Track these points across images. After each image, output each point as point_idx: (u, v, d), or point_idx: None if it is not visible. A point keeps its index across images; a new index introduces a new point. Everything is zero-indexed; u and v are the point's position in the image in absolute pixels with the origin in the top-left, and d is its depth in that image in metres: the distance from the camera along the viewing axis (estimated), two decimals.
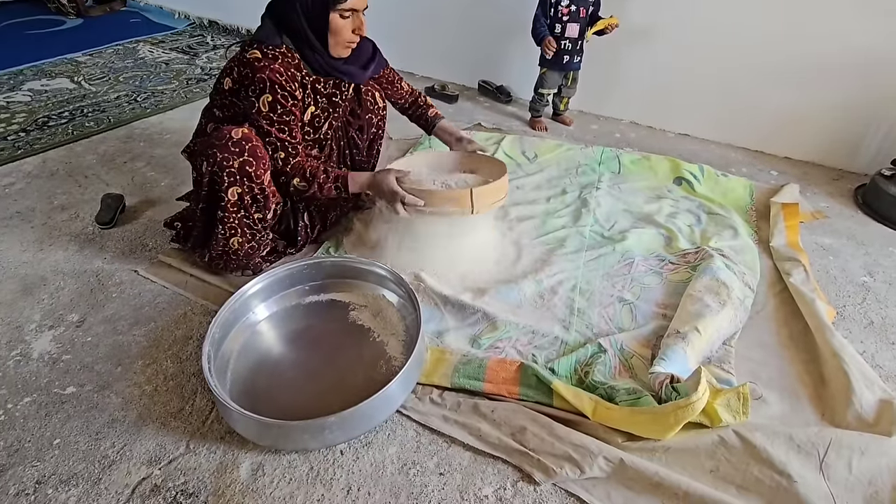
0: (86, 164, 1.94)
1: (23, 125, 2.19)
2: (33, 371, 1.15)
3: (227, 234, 1.29)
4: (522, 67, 2.43)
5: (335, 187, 1.31)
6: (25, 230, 1.59)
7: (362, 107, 1.52)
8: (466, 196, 1.27)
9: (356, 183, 1.32)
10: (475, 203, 1.29)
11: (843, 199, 1.93)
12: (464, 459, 1.00)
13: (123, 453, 0.99)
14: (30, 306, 1.32)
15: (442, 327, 1.28)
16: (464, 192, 1.27)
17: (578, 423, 1.05)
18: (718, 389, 1.04)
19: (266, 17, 1.26)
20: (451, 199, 1.29)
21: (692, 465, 0.98)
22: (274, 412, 0.97)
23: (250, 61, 1.20)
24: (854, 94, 1.99)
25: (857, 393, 1.08)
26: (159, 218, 1.61)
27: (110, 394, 1.11)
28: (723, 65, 2.16)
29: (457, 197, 1.28)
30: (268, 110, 1.22)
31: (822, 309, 1.29)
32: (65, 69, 2.77)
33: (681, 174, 1.92)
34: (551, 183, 1.90)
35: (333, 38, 1.24)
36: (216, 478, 0.96)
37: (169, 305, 1.34)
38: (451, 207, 1.29)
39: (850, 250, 1.64)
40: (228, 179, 1.21)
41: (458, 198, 1.28)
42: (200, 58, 3.01)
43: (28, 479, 0.95)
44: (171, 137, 2.15)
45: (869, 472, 0.94)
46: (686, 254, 1.53)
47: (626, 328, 1.29)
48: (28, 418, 1.05)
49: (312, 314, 1.31)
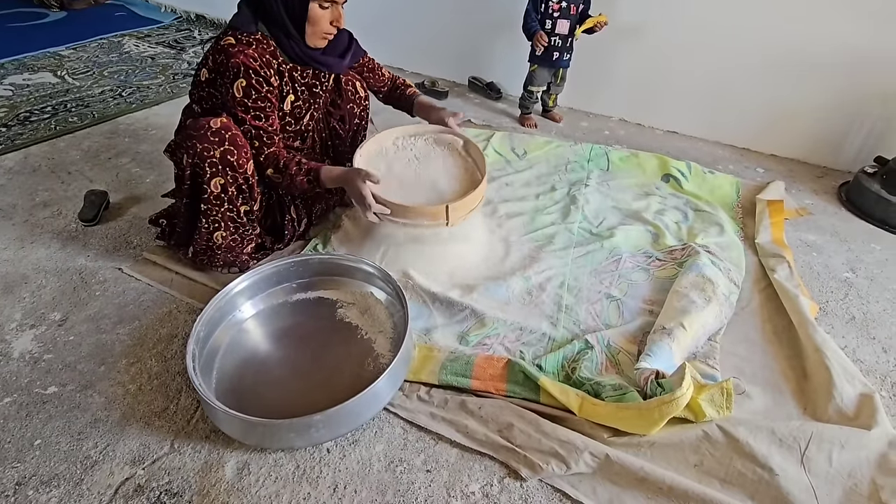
0: (69, 160, 1.90)
1: (4, 120, 2.14)
2: (13, 371, 1.13)
3: (211, 227, 1.27)
4: (512, 64, 2.43)
5: (307, 180, 1.28)
6: (6, 227, 1.56)
7: (343, 97, 1.50)
8: (442, 211, 1.27)
9: (329, 177, 1.28)
10: (451, 216, 1.29)
11: (827, 196, 1.96)
12: (451, 456, 1.00)
13: (106, 453, 0.98)
14: (10, 305, 1.30)
15: (430, 324, 1.28)
16: (439, 207, 1.27)
17: (565, 419, 1.05)
18: (702, 385, 1.06)
19: (243, 4, 1.24)
20: (427, 214, 1.28)
21: (677, 460, 0.99)
22: (260, 410, 0.97)
23: (224, 48, 1.19)
24: (838, 93, 2.02)
25: (839, 387, 1.10)
26: (144, 215, 1.59)
27: (93, 393, 1.09)
28: (710, 63, 2.18)
29: (432, 212, 1.28)
30: (242, 95, 1.20)
31: (805, 305, 1.31)
32: (47, 63, 2.71)
33: (668, 171, 1.94)
34: (540, 180, 1.90)
35: (311, 28, 1.23)
36: (201, 477, 0.95)
37: (154, 303, 1.32)
38: (426, 220, 1.28)
39: (833, 247, 1.66)
40: (210, 170, 1.20)
41: (433, 213, 1.28)
42: (187, 52, 2.96)
43: (8, 480, 0.93)
44: (156, 133, 2.12)
45: (849, 464, 0.96)
46: (673, 250, 1.54)
47: (613, 324, 1.30)
48: (8, 419, 1.04)
49: (299, 312, 1.31)
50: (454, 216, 1.30)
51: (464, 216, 1.33)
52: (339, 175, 1.28)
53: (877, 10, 1.84)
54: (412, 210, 1.28)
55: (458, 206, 1.29)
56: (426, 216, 1.29)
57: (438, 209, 1.27)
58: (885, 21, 1.85)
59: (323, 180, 1.28)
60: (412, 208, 1.28)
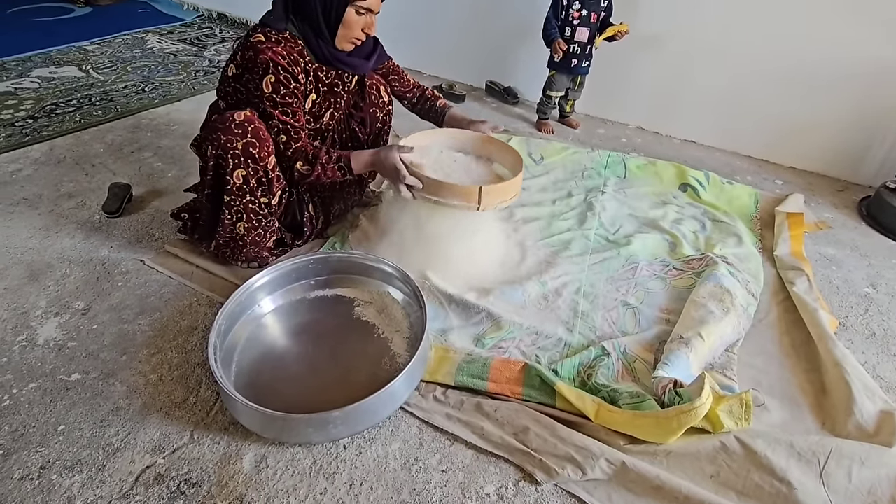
0: (93, 153, 1.94)
1: (30, 112, 2.19)
2: (39, 357, 1.16)
3: (234, 217, 1.29)
4: (530, 69, 2.43)
5: (339, 167, 1.30)
6: (32, 217, 1.59)
7: (366, 100, 1.52)
8: (474, 192, 1.26)
9: (359, 161, 1.30)
10: (483, 200, 1.27)
11: (847, 210, 1.94)
12: (466, 457, 1.01)
13: (128, 441, 1.00)
14: (36, 293, 1.32)
15: (446, 326, 1.29)
16: (472, 188, 1.26)
17: (581, 425, 1.05)
18: (721, 396, 1.05)
19: (278, 0, 1.26)
20: (460, 194, 1.27)
21: (693, 470, 0.98)
22: (278, 405, 0.98)
23: (254, 44, 1.21)
24: (860, 106, 2.00)
25: (858, 403, 1.09)
26: (166, 208, 1.62)
27: (115, 382, 1.11)
28: (729, 73, 2.17)
29: (465, 192, 1.27)
30: (271, 91, 1.22)
31: (824, 319, 1.30)
32: (73, 57, 2.77)
33: (686, 180, 1.93)
34: (557, 185, 1.91)
35: (343, 31, 1.25)
36: (220, 468, 0.96)
37: (174, 296, 1.34)
38: (457, 201, 1.27)
39: (853, 261, 1.64)
40: (233, 161, 1.22)
41: (466, 193, 1.27)
42: (208, 50, 3.01)
43: (32, 464, 0.95)
44: (178, 129, 2.15)
45: (868, 481, 0.95)
46: (690, 260, 1.53)
47: (630, 332, 1.30)
48: (33, 404, 1.06)
49: (317, 309, 1.32)
50: (486, 201, 1.27)
51: (495, 204, 1.31)
52: (369, 157, 1.30)
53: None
54: (445, 187, 1.26)
55: (492, 190, 1.27)
56: (459, 196, 1.27)
57: (472, 190, 1.26)
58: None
59: (354, 165, 1.30)
60: (446, 185, 1.26)
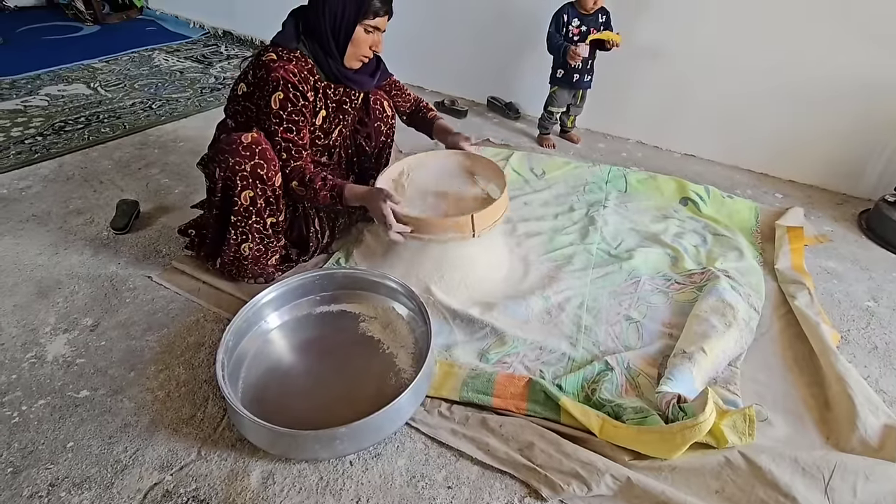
0: (101, 170, 1.97)
1: (40, 129, 2.22)
2: (48, 374, 1.17)
3: (239, 238, 1.31)
4: (532, 85, 2.47)
5: (331, 196, 1.31)
6: (41, 233, 1.61)
7: (370, 115, 1.56)
8: (467, 222, 1.29)
9: (352, 195, 1.31)
10: (476, 226, 1.30)
11: (846, 223, 1.95)
12: (472, 473, 1.01)
13: (136, 458, 1.01)
14: (45, 309, 1.34)
15: (451, 341, 1.30)
16: (464, 218, 1.28)
17: (585, 440, 1.06)
18: (725, 411, 1.06)
19: (289, 20, 1.31)
20: (452, 227, 1.30)
21: (698, 485, 0.99)
22: (284, 421, 0.98)
23: (266, 63, 1.25)
24: (858, 120, 2.02)
25: (862, 418, 1.09)
26: (173, 225, 1.64)
27: (123, 398, 1.12)
28: (729, 88, 2.20)
29: (457, 224, 1.29)
30: (278, 107, 1.25)
31: (826, 332, 1.31)
32: (81, 75, 2.82)
33: (687, 195, 1.95)
34: (559, 200, 1.93)
35: (352, 49, 1.29)
36: (227, 485, 0.97)
37: (182, 312, 1.35)
38: (452, 234, 1.30)
39: (854, 274, 1.65)
40: (241, 183, 1.24)
41: (458, 225, 1.29)
42: (214, 67, 3.06)
43: (42, 481, 0.96)
44: (185, 145, 2.18)
45: (873, 497, 0.95)
46: (692, 274, 1.55)
47: (633, 347, 1.31)
48: (42, 421, 1.07)
49: (323, 324, 1.33)
50: (480, 224, 1.30)
51: (489, 227, 1.34)
52: (361, 194, 1.31)
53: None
54: (437, 224, 1.30)
55: (484, 215, 1.30)
56: (452, 229, 1.30)
57: (464, 220, 1.28)
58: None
59: (346, 198, 1.31)
60: (438, 222, 1.30)
